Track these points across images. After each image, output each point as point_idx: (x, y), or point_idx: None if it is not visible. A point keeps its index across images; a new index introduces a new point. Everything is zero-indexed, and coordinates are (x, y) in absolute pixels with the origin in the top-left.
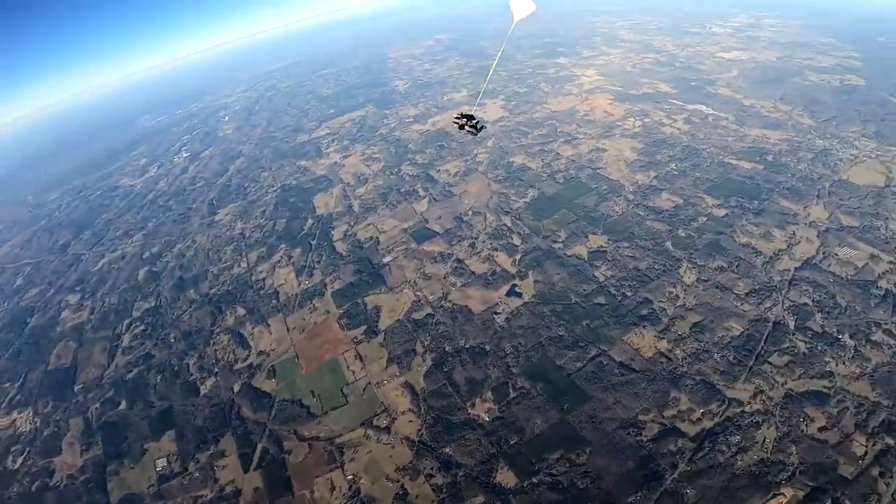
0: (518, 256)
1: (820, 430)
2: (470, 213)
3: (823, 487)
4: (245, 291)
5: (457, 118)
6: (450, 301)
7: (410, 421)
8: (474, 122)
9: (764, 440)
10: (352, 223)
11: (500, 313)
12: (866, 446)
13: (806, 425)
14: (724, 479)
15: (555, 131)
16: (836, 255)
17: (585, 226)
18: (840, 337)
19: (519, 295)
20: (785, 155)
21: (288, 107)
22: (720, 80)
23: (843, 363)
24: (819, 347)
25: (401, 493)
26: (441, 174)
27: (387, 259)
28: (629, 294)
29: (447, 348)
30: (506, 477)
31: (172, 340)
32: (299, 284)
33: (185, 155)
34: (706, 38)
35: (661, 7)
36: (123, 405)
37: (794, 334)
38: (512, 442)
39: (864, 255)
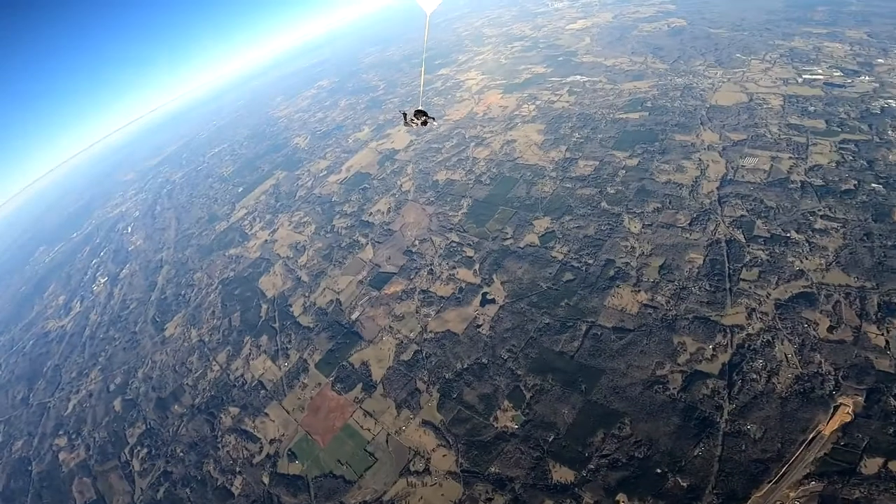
0: (477, 266)
1: (829, 330)
2: (416, 242)
3: (876, 388)
4: (229, 391)
5: (410, 117)
6: (430, 332)
7: (444, 455)
8: (424, 116)
9: (786, 357)
10: (307, 294)
11: (482, 325)
12: (882, 334)
13: (813, 329)
14: (776, 406)
15: (464, 139)
16: (743, 166)
17: (526, 215)
18: (788, 234)
19: (493, 301)
20: (659, 99)
21: (192, 198)
22: (579, 49)
23: (806, 258)
24: (777, 250)
25: None
26: (374, 216)
27: (355, 315)
28: (591, 262)
29: (447, 376)
30: (562, 474)
31: (181, 454)
32: (280, 369)
33: (102, 280)
34: (553, 15)
35: None
36: None
37: (748, 246)
38: (550, 439)
39: (766, 159)
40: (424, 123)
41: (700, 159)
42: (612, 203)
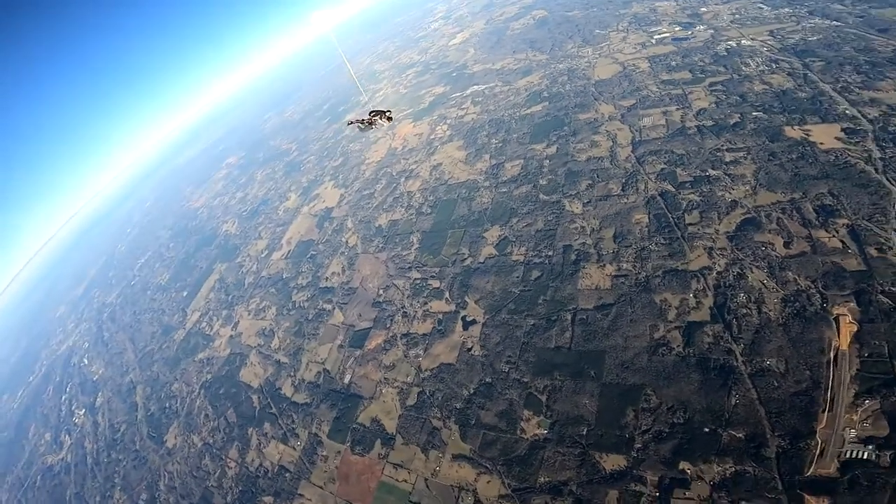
0: (447, 294)
1: (785, 245)
2: (381, 292)
3: (860, 290)
4: (256, 482)
5: (362, 120)
6: (426, 370)
7: (489, 481)
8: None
9: (762, 283)
10: (292, 374)
11: (472, 347)
12: (833, 235)
13: (772, 250)
14: (781, 334)
15: (392, 176)
16: (644, 126)
17: (475, 230)
18: (707, 173)
19: (474, 322)
20: (552, 87)
21: (137, 315)
22: (467, 60)
23: (732, 189)
24: (705, 189)
25: None
26: (331, 279)
27: (347, 378)
28: (550, 253)
29: (458, 406)
30: (613, 461)
31: None
32: (294, 449)
33: (80, 412)
34: (433, 35)
35: (385, 30)
36: None
37: (679, 193)
38: (585, 432)
39: (659, 115)
40: (390, 119)
41: (607, 131)
42: (548, 193)
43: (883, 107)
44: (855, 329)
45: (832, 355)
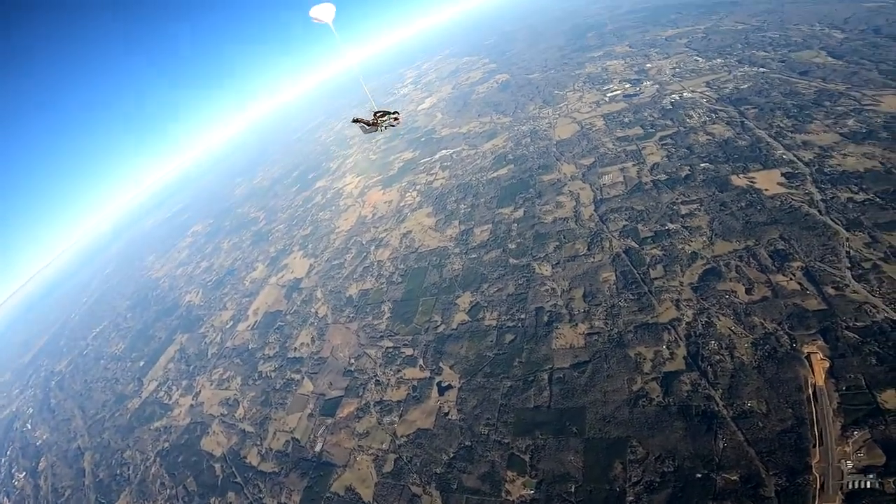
0: (421, 361)
1: (747, 292)
2: (352, 361)
3: (825, 327)
4: None
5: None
6: (402, 436)
7: None
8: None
9: (730, 329)
10: (258, 442)
11: (449, 412)
12: (790, 279)
13: (735, 297)
14: (756, 376)
15: (362, 245)
16: (604, 184)
17: (447, 297)
18: (667, 227)
19: (449, 387)
20: (516, 149)
21: (89, 384)
22: (435, 125)
23: (691, 241)
24: (666, 243)
25: None
26: (300, 350)
27: (318, 447)
28: (523, 316)
29: (438, 471)
30: None
31: None
32: None
33: (21, 475)
34: (403, 100)
35: (353, 96)
36: None
37: (642, 249)
38: (573, 489)
39: (617, 172)
40: (397, 119)
41: (570, 191)
42: (518, 257)
43: (815, 149)
44: (828, 365)
45: (810, 392)
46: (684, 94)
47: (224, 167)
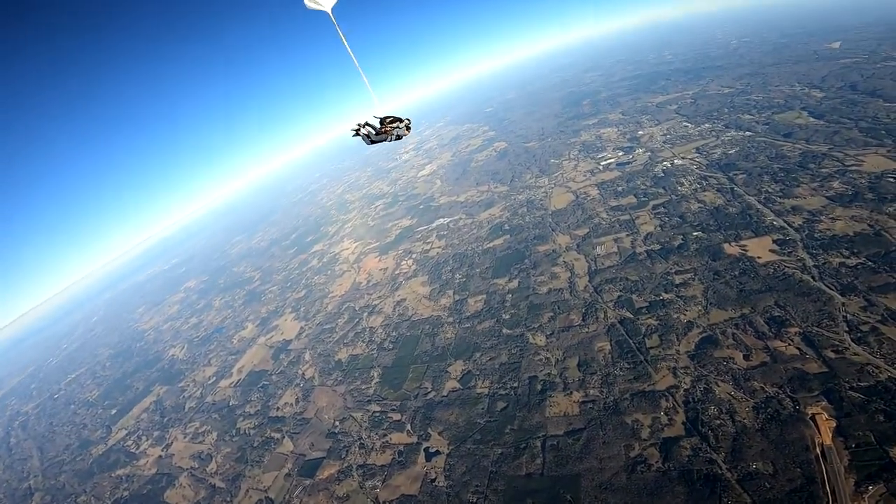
0: (408, 426)
1: (745, 358)
2: (336, 423)
3: (828, 389)
4: None
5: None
6: (384, 502)
7: None
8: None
9: (730, 395)
10: (227, 499)
11: (436, 478)
12: (789, 344)
13: (733, 364)
14: (760, 438)
15: (355, 311)
16: (598, 254)
17: (439, 365)
18: (661, 297)
19: (437, 453)
20: (513, 218)
21: (53, 427)
22: (434, 192)
23: (686, 310)
24: (661, 312)
25: None
26: (283, 409)
27: None
28: (516, 385)
29: None
30: None
31: None
32: None
33: None
34: (403, 166)
35: (357, 159)
36: None
37: (637, 319)
38: None
39: (611, 242)
40: (408, 128)
41: (565, 261)
42: (511, 327)
43: (804, 214)
44: (834, 424)
45: (818, 451)
46: (675, 161)
47: (226, 224)
